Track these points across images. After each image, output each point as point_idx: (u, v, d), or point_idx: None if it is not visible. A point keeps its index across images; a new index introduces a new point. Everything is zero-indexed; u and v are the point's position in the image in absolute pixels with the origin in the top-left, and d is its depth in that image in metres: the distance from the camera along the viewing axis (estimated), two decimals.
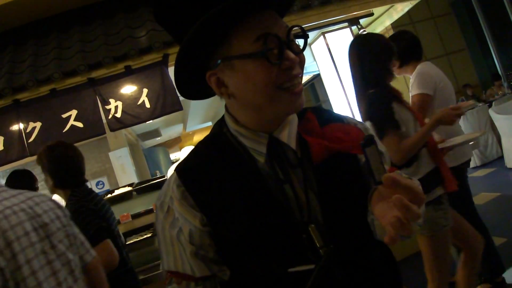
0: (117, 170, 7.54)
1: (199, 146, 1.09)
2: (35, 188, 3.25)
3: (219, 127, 1.09)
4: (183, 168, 1.04)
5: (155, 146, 13.78)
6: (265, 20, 0.91)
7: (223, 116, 1.10)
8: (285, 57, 0.90)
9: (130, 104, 4.02)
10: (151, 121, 4.24)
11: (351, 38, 5.22)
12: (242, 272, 1.01)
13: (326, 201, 1.00)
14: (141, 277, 3.10)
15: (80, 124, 4.05)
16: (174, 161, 14.48)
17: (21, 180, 3.21)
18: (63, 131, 4.04)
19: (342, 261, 0.98)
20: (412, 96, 2.92)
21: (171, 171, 4.07)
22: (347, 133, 1.03)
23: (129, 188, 3.90)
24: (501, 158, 6.57)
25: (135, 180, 6.74)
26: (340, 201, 1.02)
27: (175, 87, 1.03)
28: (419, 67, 2.97)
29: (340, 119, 1.14)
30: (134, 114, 3.96)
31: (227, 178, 0.99)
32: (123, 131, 7.85)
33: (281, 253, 0.96)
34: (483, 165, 7.07)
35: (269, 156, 1.00)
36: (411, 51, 3.01)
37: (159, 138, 11.97)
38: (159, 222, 1.04)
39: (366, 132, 1.11)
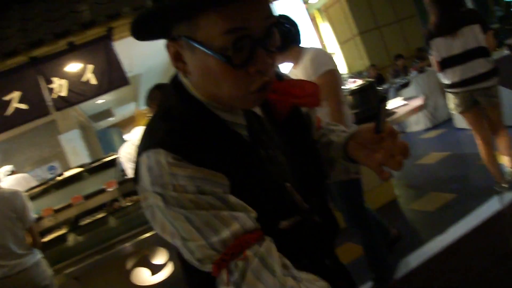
0: (68, 153, 7.34)
1: (168, 117, 0.92)
2: None
3: (177, 92, 0.94)
4: (168, 141, 0.85)
5: (108, 127, 13.49)
6: (243, 7, 0.76)
7: (175, 82, 0.96)
8: (256, 60, 0.80)
9: (75, 81, 3.89)
10: (102, 101, 4.16)
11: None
12: None
13: (293, 157, 1.01)
14: (97, 257, 3.04)
15: (24, 106, 3.90)
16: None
17: None
18: (6, 114, 3.88)
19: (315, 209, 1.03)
20: (323, 74, 2.61)
21: (125, 149, 3.98)
22: (303, 89, 1.01)
23: (80, 169, 3.80)
24: (450, 119, 6.76)
25: None
26: (302, 155, 1.03)
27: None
28: (312, 50, 2.73)
29: (287, 76, 1.12)
30: (79, 92, 3.85)
31: (216, 142, 0.88)
32: (73, 112, 7.64)
33: (270, 210, 0.93)
34: (434, 127, 7.26)
35: (248, 126, 0.95)
36: (293, 36, 2.74)
37: (112, 118, 11.71)
38: (172, 203, 0.82)
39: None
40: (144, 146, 0.88)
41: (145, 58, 6.56)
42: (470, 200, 3.66)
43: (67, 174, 3.79)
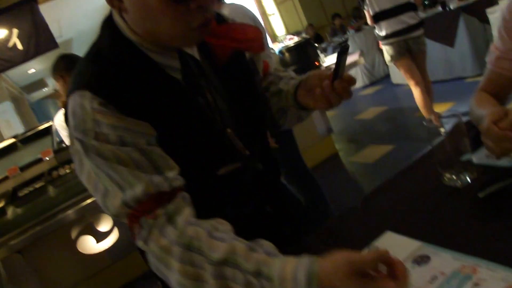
0: (1, 126, 6.99)
1: (97, 59, 0.88)
2: None
3: (109, 33, 0.89)
4: (96, 83, 0.82)
5: (44, 98, 12.91)
6: None
7: (108, 22, 0.90)
8: None
9: (0, 48, 3.66)
10: (34, 70, 3.93)
11: None
12: None
13: (235, 103, 1.00)
14: (38, 228, 2.95)
15: None
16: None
17: None
18: None
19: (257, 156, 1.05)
20: None
21: (59, 117, 3.82)
22: (244, 33, 0.99)
23: (13, 140, 3.64)
24: (387, 76, 6.97)
25: None
26: (245, 101, 1.02)
27: None
28: (229, 6, 2.55)
29: (230, 19, 1.09)
30: (6, 58, 3.62)
31: (146, 86, 0.85)
32: (3, 84, 7.27)
33: (208, 157, 0.93)
34: (372, 84, 7.49)
35: (183, 70, 0.91)
36: None
37: (46, 89, 11.19)
38: (92, 151, 0.81)
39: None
40: (72, 88, 0.85)
41: (74, 21, 6.26)
42: (407, 150, 3.85)
43: (0, 146, 3.62)
